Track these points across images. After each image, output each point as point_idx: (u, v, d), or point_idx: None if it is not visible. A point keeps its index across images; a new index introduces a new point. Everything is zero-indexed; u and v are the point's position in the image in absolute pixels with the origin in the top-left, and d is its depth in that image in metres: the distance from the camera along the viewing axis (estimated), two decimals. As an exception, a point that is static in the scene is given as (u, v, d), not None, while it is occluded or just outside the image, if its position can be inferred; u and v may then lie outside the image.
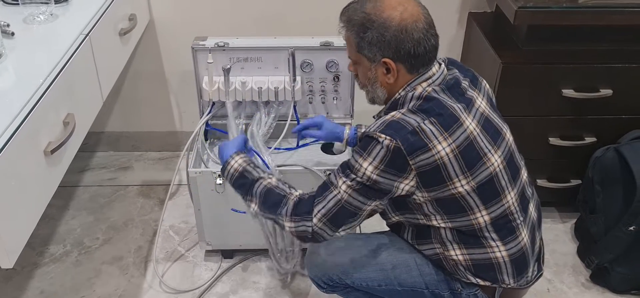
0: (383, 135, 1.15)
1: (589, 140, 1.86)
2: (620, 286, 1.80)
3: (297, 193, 1.28)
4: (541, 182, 1.96)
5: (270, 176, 1.33)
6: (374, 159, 1.16)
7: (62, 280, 1.82)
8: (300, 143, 1.82)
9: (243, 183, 1.32)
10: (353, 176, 1.19)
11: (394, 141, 1.14)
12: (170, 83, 2.27)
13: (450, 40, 2.18)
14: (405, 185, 1.18)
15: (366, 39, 1.20)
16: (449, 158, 1.15)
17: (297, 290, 1.81)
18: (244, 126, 1.78)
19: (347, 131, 1.62)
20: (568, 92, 1.76)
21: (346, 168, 1.21)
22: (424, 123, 1.15)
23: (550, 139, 1.86)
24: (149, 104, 2.32)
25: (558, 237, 2.02)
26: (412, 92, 1.21)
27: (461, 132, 1.17)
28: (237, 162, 1.35)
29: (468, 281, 1.30)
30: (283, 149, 1.83)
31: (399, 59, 1.20)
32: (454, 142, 1.15)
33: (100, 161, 2.39)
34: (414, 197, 1.22)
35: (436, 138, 1.15)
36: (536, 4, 1.70)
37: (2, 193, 1.04)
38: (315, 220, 1.22)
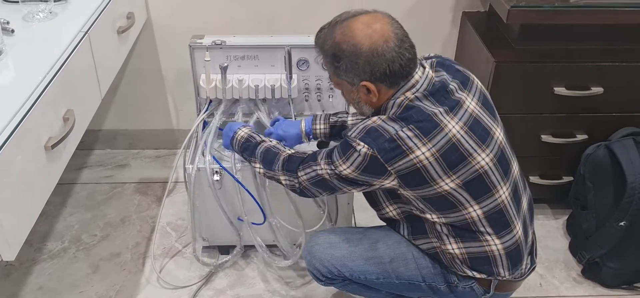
0: (361, 144, 1.19)
1: (580, 137, 1.89)
2: (611, 281, 1.83)
3: (289, 151, 1.40)
4: (534, 179, 1.98)
5: (271, 140, 1.47)
6: (351, 164, 1.21)
7: (61, 276, 1.83)
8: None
9: (247, 146, 1.48)
10: (333, 168, 1.25)
11: (371, 150, 1.17)
12: (167, 81, 2.28)
13: (444, 39, 2.21)
14: (386, 183, 1.22)
15: (341, 68, 1.22)
16: (430, 162, 1.17)
17: (294, 284, 1.83)
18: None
19: (302, 126, 1.63)
20: (560, 90, 1.78)
21: (329, 157, 1.27)
22: (402, 130, 1.17)
23: (542, 136, 1.89)
24: (146, 102, 2.34)
25: (550, 232, 2.05)
26: (394, 101, 1.22)
27: (442, 136, 1.18)
28: (243, 131, 1.52)
29: (464, 274, 1.33)
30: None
31: (377, 80, 1.21)
32: (433, 146, 1.17)
33: (97, 159, 2.40)
34: (400, 192, 1.24)
35: (415, 144, 1.16)
36: (528, 4, 1.73)
37: (4, 186, 1.06)
38: (301, 179, 1.34)
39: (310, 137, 1.64)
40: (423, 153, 1.16)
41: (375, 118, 1.21)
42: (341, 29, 1.20)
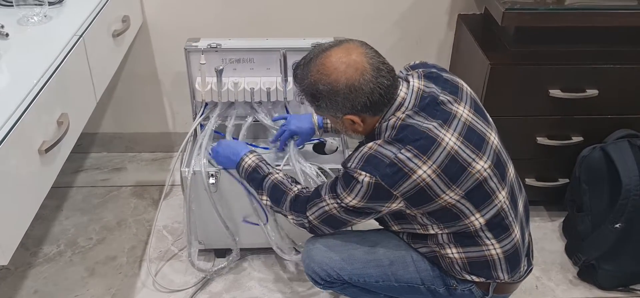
0: (363, 173, 1.18)
1: (575, 139, 1.89)
2: (607, 283, 1.83)
3: (296, 189, 1.39)
4: (529, 181, 1.98)
5: (278, 172, 1.45)
6: (356, 195, 1.21)
7: (56, 280, 1.83)
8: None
9: (255, 177, 1.46)
10: (339, 201, 1.25)
11: (374, 177, 1.17)
12: (163, 84, 2.28)
13: (440, 42, 2.21)
14: (393, 206, 1.22)
15: (321, 106, 1.22)
16: (432, 179, 1.17)
17: (292, 287, 1.83)
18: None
19: (314, 120, 1.64)
20: (555, 93, 1.79)
21: (333, 190, 1.26)
22: (400, 152, 1.16)
23: (538, 138, 1.89)
24: (142, 105, 2.33)
25: (546, 235, 2.05)
26: (387, 123, 1.22)
27: (440, 151, 1.17)
28: (251, 159, 1.49)
29: (463, 278, 1.33)
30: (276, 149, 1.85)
31: (359, 112, 1.21)
32: (434, 163, 1.17)
33: (93, 162, 2.40)
34: (406, 212, 1.24)
35: (415, 164, 1.16)
36: (523, 6, 1.73)
37: (-2, 190, 1.05)
38: (310, 218, 1.33)
39: (322, 130, 1.64)
40: (425, 171, 1.16)
41: (371, 144, 1.21)
42: (316, 67, 1.19)
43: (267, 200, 1.44)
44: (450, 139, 1.19)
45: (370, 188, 1.18)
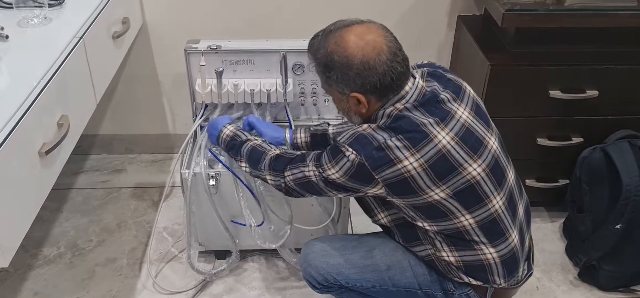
0: (350, 149, 1.19)
1: (576, 140, 1.89)
2: (608, 284, 1.83)
3: (277, 151, 1.40)
4: (530, 182, 1.98)
5: (256, 138, 1.47)
6: (340, 169, 1.21)
7: (56, 282, 1.83)
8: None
9: (233, 145, 1.48)
10: (320, 171, 1.26)
11: (359, 157, 1.17)
12: (163, 86, 2.28)
13: (440, 43, 2.21)
14: (373, 191, 1.22)
15: (332, 78, 1.22)
16: (418, 172, 1.16)
17: (290, 291, 1.82)
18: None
19: (286, 136, 1.62)
20: (555, 93, 1.79)
21: (318, 160, 1.27)
22: (390, 139, 1.17)
23: (538, 139, 1.89)
24: (142, 107, 2.33)
25: (547, 236, 2.05)
26: (383, 111, 1.22)
27: (431, 147, 1.17)
28: (229, 129, 1.51)
29: (461, 281, 1.32)
30: None
31: (367, 92, 1.20)
32: (422, 157, 1.16)
33: (93, 164, 2.40)
34: (389, 199, 1.24)
35: (402, 153, 1.16)
36: (523, 7, 1.73)
37: (-2, 192, 1.05)
38: (287, 179, 1.33)
39: (293, 146, 1.63)
40: (411, 163, 1.16)
41: (365, 126, 1.21)
42: (334, 39, 1.20)
43: (245, 165, 1.44)
44: (444, 138, 1.18)
45: (353, 166, 1.18)
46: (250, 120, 1.64)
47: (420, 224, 1.27)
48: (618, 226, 1.73)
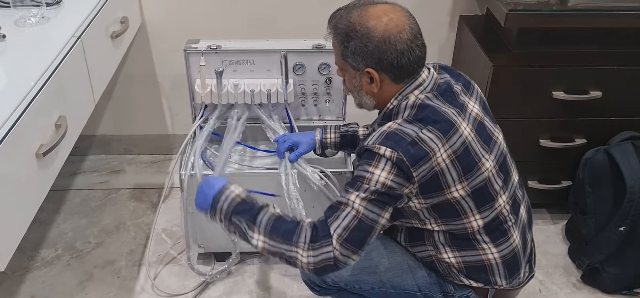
0: (383, 148, 1.13)
1: (579, 141, 1.88)
2: (611, 286, 1.81)
3: (309, 220, 1.19)
4: (532, 184, 1.97)
5: (275, 206, 1.24)
6: (383, 169, 1.13)
7: (54, 284, 1.81)
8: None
9: (245, 209, 1.21)
10: (366, 186, 1.13)
11: (396, 153, 1.12)
12: (162, 86, 2.27)
13: (441, 44, 2.20)
14: (407, 191, 1.16)
15: (350, 48, 1.20)
16: (446, 164, 1.15)
17: (290, 293, 1.81)
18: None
19: (317, 136, 1.63)
20: (558, 94, 1.77)
21: (355, 182, 1.16)
22: (422, 132, 1.14)
23: (541, 140, 1.88)
24: (141, 107, 2.32)
25: (549, 238, 2.04)
26: (405, 102, 1.20)
27: (457, 137, 1.16)
28: (238, 189, 1.25)
29: (461, 283, 1.31)
30: (273, 152, 1.83)
31: (382, 69, 1.19)
32: (450, 147, 1.15)
33: (91, 164, 2.38)
34: (410, 203, 1.21)
35: (436, 144, 1.13)
36: (526, 7, 1.72)
37: (-6, 195, 1.04)
38: (334, 242, 1.13)
39: (322, 146, 1.63)
40: (441, 155, 1.14)
41: (390, 123, 1.18)
42: (358, 12, 1.20)
43: (263, 239, 1.17)
44: (465, 128, 1.18)
45: (392, 162, 1.12)
46: (284, 136, 1.66)
47: (429, 227, 1.26)
48: (622, 228, 1.72)
